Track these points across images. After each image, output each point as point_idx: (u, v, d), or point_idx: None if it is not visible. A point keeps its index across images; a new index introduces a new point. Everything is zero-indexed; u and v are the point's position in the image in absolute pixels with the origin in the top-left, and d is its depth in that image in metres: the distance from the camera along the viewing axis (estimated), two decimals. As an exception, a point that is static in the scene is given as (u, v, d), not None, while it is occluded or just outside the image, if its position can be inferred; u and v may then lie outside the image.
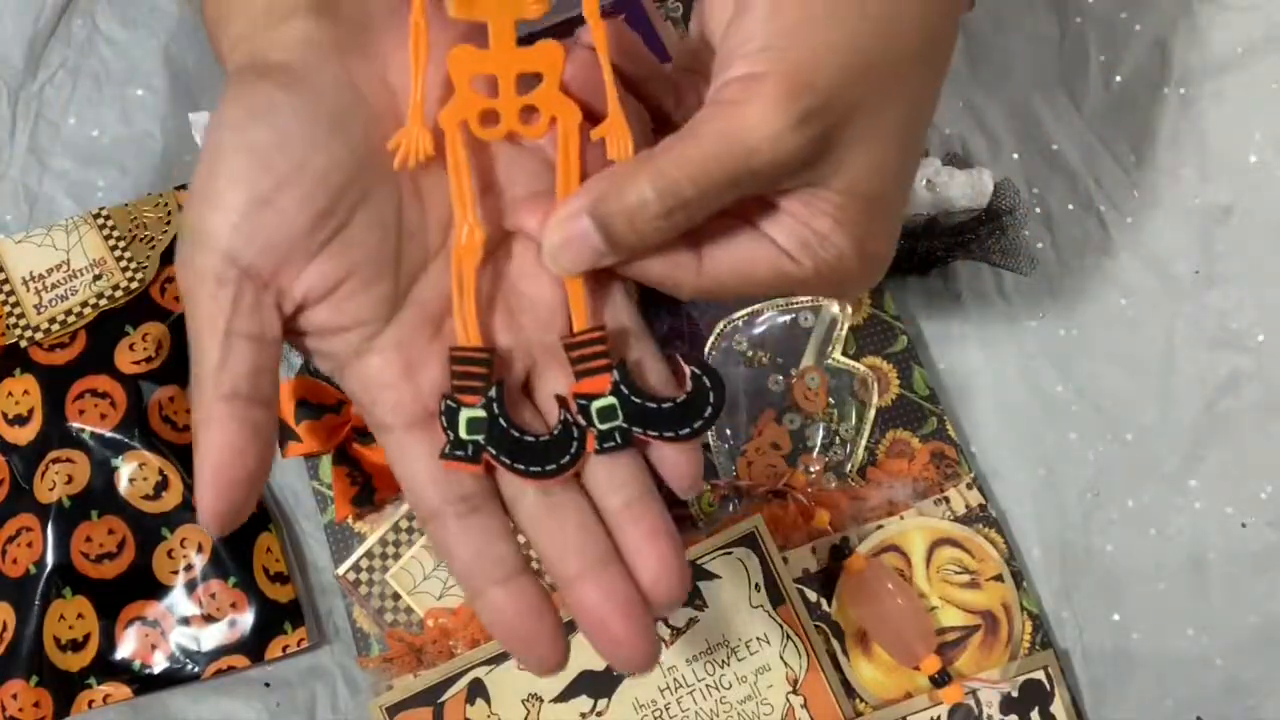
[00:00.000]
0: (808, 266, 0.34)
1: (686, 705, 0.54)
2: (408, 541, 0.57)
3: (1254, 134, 0.62)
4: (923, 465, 0.58)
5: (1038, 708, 0.54)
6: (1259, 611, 0.56)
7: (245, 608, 0.57)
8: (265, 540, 0.58)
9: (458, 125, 0.34)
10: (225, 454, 0.31)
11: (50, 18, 0.65)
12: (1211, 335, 0.60)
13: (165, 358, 0.60)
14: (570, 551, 0.33)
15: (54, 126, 0.65)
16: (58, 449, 0.58)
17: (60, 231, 0.62)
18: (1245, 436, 0.58)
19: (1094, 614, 0.57)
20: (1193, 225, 0.61)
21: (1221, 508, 0.58)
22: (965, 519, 0.57)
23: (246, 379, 0.31)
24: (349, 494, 0.57)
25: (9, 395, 0.59)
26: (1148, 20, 0.64)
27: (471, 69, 0.34)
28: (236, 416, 0.31)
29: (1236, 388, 0.59)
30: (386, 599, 0.56)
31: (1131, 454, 0.59)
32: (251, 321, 0.31)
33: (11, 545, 0.58)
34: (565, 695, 0.54)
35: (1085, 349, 0.60)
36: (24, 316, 0.61)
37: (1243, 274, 0.60)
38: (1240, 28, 0.64)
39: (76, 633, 0.56)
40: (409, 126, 0.33)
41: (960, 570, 0.56)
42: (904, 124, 0.33)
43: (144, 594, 0.57)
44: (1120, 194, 0.62)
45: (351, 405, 0.57)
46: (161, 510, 0.58)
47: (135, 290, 0.61)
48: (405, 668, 0.55)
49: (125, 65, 0.66)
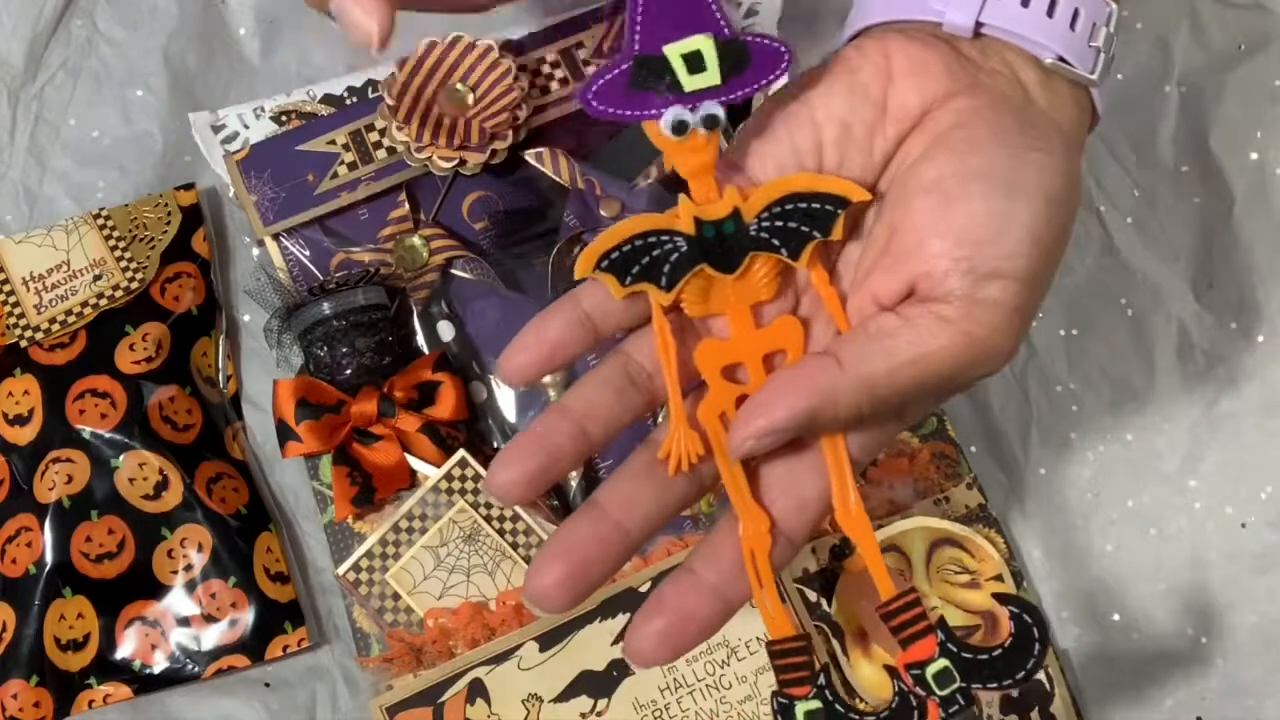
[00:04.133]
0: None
1: (686, 705, 0.54)
2: (408, 541, 0.57)
3: (1254, 133, 0.62)
4: (923, 465, 0.58)
5: (1038, 708, 0.54)
6: (1259, 611, 0.56)
7: (245, 607, 0.57)
8: (265, 540, 0.58)
9: (718, 419, 0.34)
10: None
11: (50, 18, 0.65)
12: (1212, 335, 0.60)
13: (165, 358, 0.60)
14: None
15: (54, 127, 0.65)
16: (58, 449, 0.58)
17: (60, 232, 0.62)
18: (1245, 436, 0.58)
19: (1094, 614, 0.57)
20: (1193, 225, 0.61)
21: (1221, 508, 0.58)
22: (965, 519, 0.57)
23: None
24: (349, 494, 0.57)
25: (9, 395, 0.59)
26: (1148, 18, 0.64)
27: (719, 361, 0.35)
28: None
29: (1236, 388, 0.59)
30: (386, 599, 0.57)
31: (1131, 454, 0.59)
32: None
33: (11, 545, 0.58)
34: (565, 695, 0.54)
35: (1085, 349, 0.60)
36: (24, 316, 0.61)
37: (1243, 274, 0.60)
38: (1241, 26, 0.64)
39: (76, 633, 0.57)
40: (674, 430, 0.34)
41: (960, 570, 0.56)
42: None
43: (144, 594, 0.57)
44: (1120, 194, 0.62)
45: (352, 405, 0.57)
46: (161, 510, 0.58)
47: (135, 290, 0.61)
48: (405, 668, 0.55)
49: (125, 65, 0.66)
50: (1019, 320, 0.33)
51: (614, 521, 0.33)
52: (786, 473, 0.35)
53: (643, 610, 0.33)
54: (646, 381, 0.35)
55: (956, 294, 0.33)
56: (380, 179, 0.60)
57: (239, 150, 0.61)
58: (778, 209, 0.34)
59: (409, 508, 0.57)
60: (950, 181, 0.34)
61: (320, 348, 0.58)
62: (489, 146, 0.59)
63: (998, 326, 0.33)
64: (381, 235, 0.61)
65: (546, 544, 0.33)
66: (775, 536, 0.34)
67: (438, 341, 0.60)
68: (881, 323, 0.34)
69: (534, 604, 0.32)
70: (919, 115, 0.35)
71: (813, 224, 0.34)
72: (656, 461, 0.34)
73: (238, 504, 0.59)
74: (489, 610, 0.56)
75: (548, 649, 0.54)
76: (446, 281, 0.61)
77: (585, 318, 0.34)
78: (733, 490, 0.34)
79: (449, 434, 0.58)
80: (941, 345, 0.33)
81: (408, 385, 0.57)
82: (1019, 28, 0.36)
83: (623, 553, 0.33)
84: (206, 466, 0.59)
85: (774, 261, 0.35)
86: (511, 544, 0.56)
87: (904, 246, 0.34)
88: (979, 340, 0.33)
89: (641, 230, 0.34)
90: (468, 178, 0.61)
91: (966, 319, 0.33)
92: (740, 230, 0.34)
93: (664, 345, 0.34)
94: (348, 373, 0.58)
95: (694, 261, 0.34)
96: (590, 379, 0.35)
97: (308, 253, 0.61)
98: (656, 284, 0.34)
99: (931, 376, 0.33)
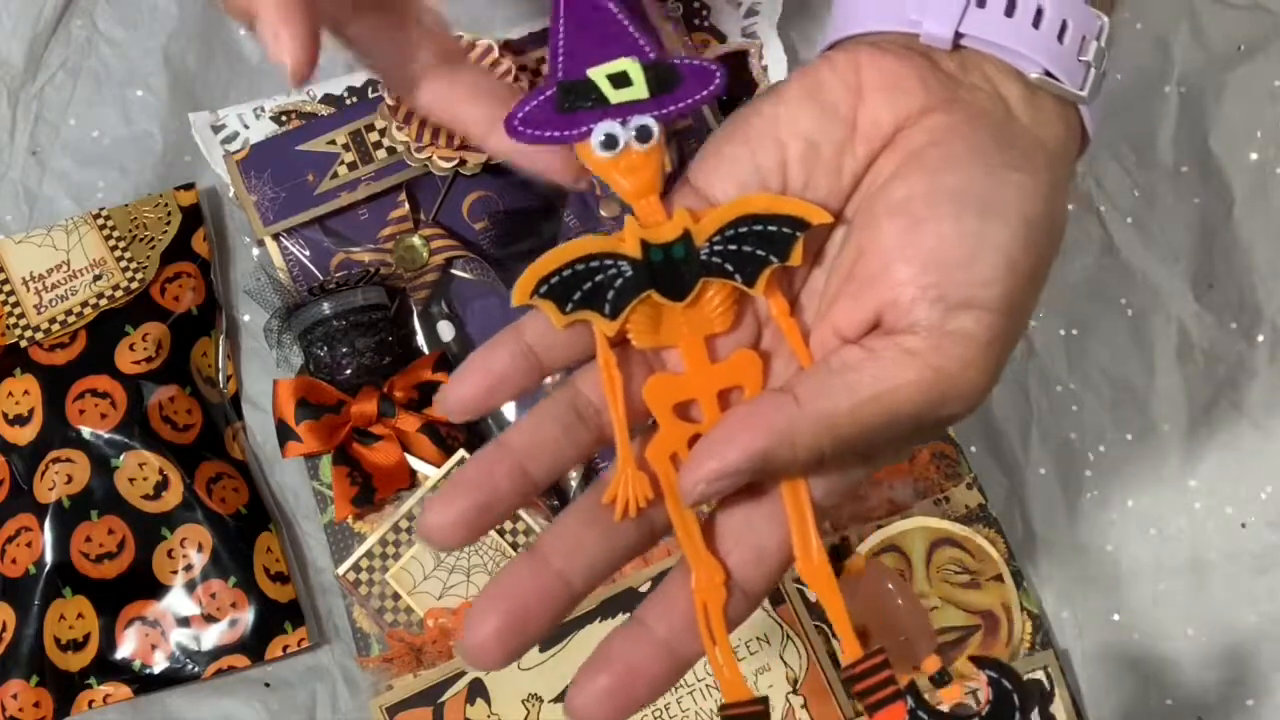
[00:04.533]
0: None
1: (686, 705, 0.54)
2: (408, 541, 0.57)
3: (1254, 133, 0.62)
4: (923, 465, 0.58)
5: (1038, 708, 0.54)
6: (1259, 611, 0.56)
7: (245, 607, 0.57)
8: (265, 540, 0.58)
9: (669, 460, 0.32)
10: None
11: (50, 18, 0.65)
12: (1212, 335, 0.60)
13: (165, 358, 0.60)
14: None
15: (54, 127, 0.65)
16: (58, 449, 0.58)
17: (60, 232, 0.62)
18: (1245, 436, 0.58)
19: (1094, 614, 0.57)
20: (1193, 225, 0.61)
21: (1221, 508, 0.58)
22: (965, 519, 0.57)
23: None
24: (349, 494, 0.57)
25: (9, 395, 0.59)
26: (1148, 19, 0.64)
27: (671, 398, 0.32)
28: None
29: (1236, 388, 0.59)
30: (386, 599, 0.57)
31: (1131, 454, 0.59)
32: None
33: (11, 545, 0.58)
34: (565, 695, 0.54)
35: (1085, 349, 0.60)
36: (24, 316, 0.61)
37: (1243, 274, 0.60)
38: (1240, 26, 0.64)
39: (76, 633, 0.56)
40: (621, 472, 0.31)
41: (960, 570, 0.56)
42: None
43: (144, 594, 0.57)
44: (1120, 194, 0.62)
45: (352, 405, 0.57)
46: (161, 510, 0.58)
47: (135, 290, 0.61)
48: (405, 668, 0.55)
49: (125, 65, 0.66)
50: (993, 354, 0.31)
51: (555, 571, 0.31)
52: (744, 520, 0.33)
53: (587, 664, 0.31)
54: (595, 417, 0.32)
55: (923, 324, 0.30)
56: (380, 179, 0.60)
57: (239, 150, 0.61)
58: (731, 232, 0.32)
59: (409, 508, 0.57)
60: (919, 202, 0.31)
61: (320, 348, 0.58)
62: (489, 146, 0.59)
63: (970, 361, 0.30)
64: (381, 235, 0.61)
65: (484, 590, 0.31)
66: (731, 589, 0.32)
67: (438, 341, 0.60)
68: (844, 356, 0.31)
69: (469, 659, 0.30)
70: (891, 133, 0.33)
71: (769, 248, 0.32)
72: (603, 505, 0.32)
73: (238, 504, 0.59)
74: (489, 610, 0.56)
75: (548, 649, 0.54)
76: (446, 281, 0.61)
77: (528, 350, 0.32)
78: (684, 539, 0.32)
79: (449, 434, 0.58)
80: (908, 380, 0.30)
81: (408, 385, 0.57)
82: (1001, 39, 0.34)
83: (565, 604, 0.31)
84: (206, 466, 0.59)
85: (728, 289, 0.32)
86: (511, 544, 0.56)
87: (869, 272, 0.32)
88: (948, 376, 0.30)
89: (584, 254, 0.32)
90: (468, 178, 0.61)
91: (935, 352, 0.30)
92: (691, 254, 0.32)
93: (609, 379, 0.32)
94: (348, 373, 0.58)
95: (640, 288, 0.32)
96: (535, 413, 0.32)
97: (308, 253, 0.61)
98: (600, 312, 0.32)
99: (897, 415, 0.30)
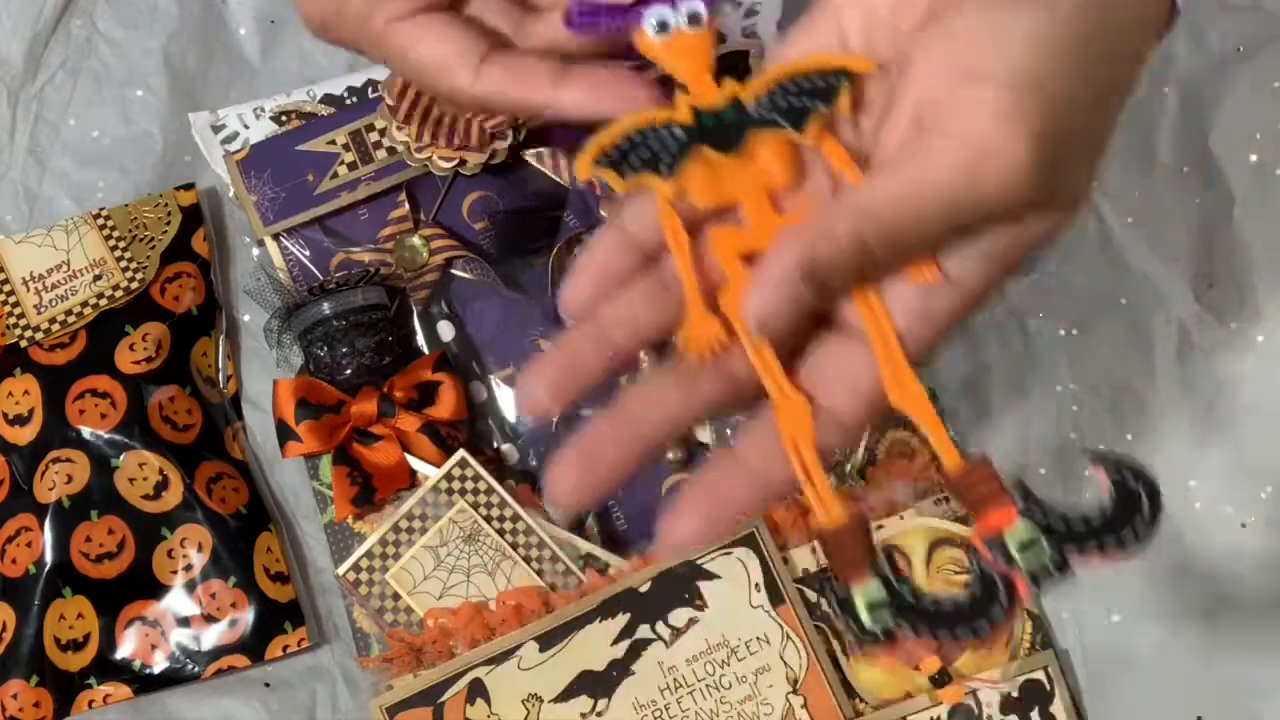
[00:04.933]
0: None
1: (686, 705, 0.54)
2: (408, 542, 0.57)
3: (1254, 134, 0.62)
4: (923, 465, 0.57)
5: (1038, 708, 0.54)
6: (1259, 611, 0.56)
7: (245, 607, 0.57)
8: (265, 540, 0.58)
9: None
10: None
11: (50, 18, 0.65)
12: (1211, 335, 0.60)
13: (165, 358, 0.60)
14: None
15: (54, 127, 0.65)
16: (58, 449, 0.58)
17: (60, 232, 0.62)
18: (1245, 436, 0.58)
19: (1094, 614, 0.57)
20: (1193, 225, 0.61)
21: (1221, 508, 0.58)
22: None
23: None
24: (349, 494, 0.57)
25: (9, 395, 0.59)
26: (1148, 20, 0.64)
27: (737, 248, 0.33)
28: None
29: (1236, 388, 0.59)
30: (386, 599, 0.57)
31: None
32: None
33: (11, 545, 0.58)
34: (565, 695, 0.54)
35: (1085, 348, 0.60)
36: (24, 316, 0.61)
37: (1243, 274, 0.60)
38: (1240, 27, 0.64)
39: (76, 633, 0.56)
40: (693, 318, 0.32)
41: (960, 570, 0.56)
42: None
43: (144, 594, 0.57)
44: (1120, 194, 0.62)
45: (352, 405, 0.57)
46: (161, 510, 0.58)
47: (135, 290, 0.61)
48: (405, 668, 0.55)
49: (125, 65, 0.66)
50: (1022, 129, 0.30)
51: (633, 421, 0.32)
52: (830, 361, 0.33)
53: (686, 497, 0.31)
54: (677, 286, 0.33)
55: (943, 100, 0.31)
56: (380, 179, 0.60)
57: (239, 150, 0.61)
58: (778, 90, 0.33)
59: (409, 508, 0.57)
60: (943, 4, 0.32)
61: (320, 348, 0.58)
62: (489, 146, 0.59)
63: (993, 133, 0.30)
64: (381, 235, 0.61)
65: (567, 443, 0.31)
66: (823, 419, 0.32)
67: (438, 341, 0.60)
68: (882, 158, 0.32)
69: (550, 498, 0.31)
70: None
71: (816, 98, 0.33)
72: (683, 366, 0.32)
73: (238, 504, 0.59)
74: (489, 610, 0.56)
75: (548, 649, 0.54)
76: (446, 281, 0.61)
77: (624, 231, 0.33)
78: (765, 374, 0.32)
79: (449, 434, 0.58)
80: (930, 154, 0.30)
81: (408, 385, 0.57)
82: None
83: (640, 453, 0.31)
84: (206, 466, 0.59)
85: (784, 143, 0.33)
86: (511, 544, 0.56)
87: (904, 86, 0.32)
88: (977, 147, 0.30)
89: (639, 124, 0.33)
90: (468, 178, 0.61)
91: (960, 124, 0.30)
92: (741, 115, 0.33)
93: (672, 232, 0.33)
94: (348, 373, 0.58)
95: (693, 146, 0.33)
96: (623, 292, 0.33)
97: (308, 253, 0.61)
98: (658, 173, 0.33)
99: (926, 192, 0.30)
